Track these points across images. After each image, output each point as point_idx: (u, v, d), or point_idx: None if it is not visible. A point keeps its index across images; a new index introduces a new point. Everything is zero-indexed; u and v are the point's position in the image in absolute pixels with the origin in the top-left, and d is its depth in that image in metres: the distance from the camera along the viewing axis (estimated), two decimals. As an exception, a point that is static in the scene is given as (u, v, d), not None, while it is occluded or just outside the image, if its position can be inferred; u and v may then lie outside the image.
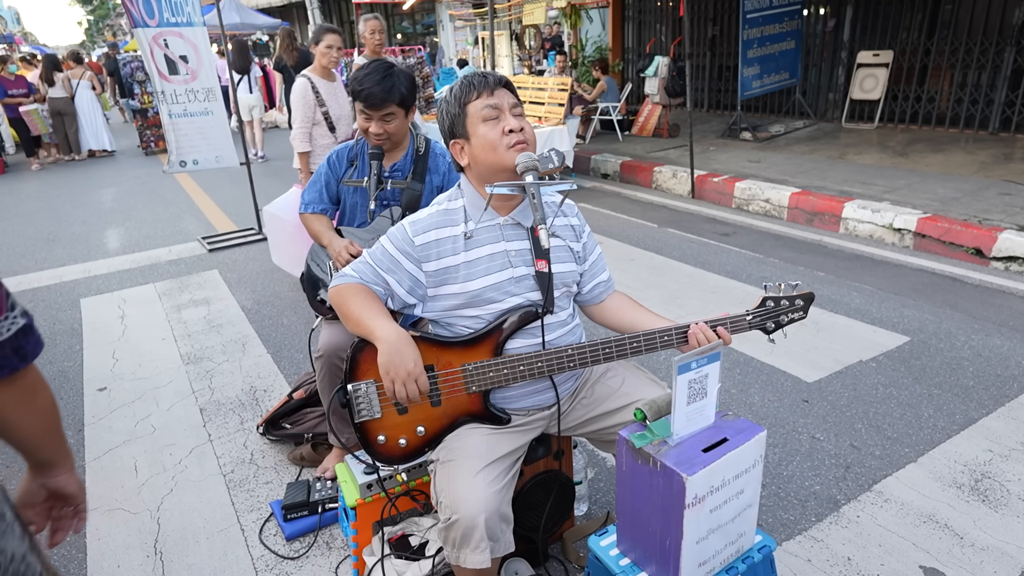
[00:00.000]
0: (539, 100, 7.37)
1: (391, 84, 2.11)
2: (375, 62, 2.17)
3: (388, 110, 2.14)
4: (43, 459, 1.11)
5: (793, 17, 8.11)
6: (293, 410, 2.69)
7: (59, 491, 1.13)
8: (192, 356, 3.59)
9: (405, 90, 2.15)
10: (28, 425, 1.04)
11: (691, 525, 1.29)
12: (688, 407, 1.36)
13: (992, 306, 3.70)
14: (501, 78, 1.60)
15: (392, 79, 2.12)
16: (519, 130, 1.54)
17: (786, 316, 1.65)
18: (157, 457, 2.70)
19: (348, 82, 2.44)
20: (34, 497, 1.12)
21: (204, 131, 5.62)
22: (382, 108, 2.13)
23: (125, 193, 8.11)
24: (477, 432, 1.61)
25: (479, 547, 1.44)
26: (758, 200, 5.83)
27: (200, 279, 4.86)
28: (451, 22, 15.78)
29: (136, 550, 2.19)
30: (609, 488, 2.37)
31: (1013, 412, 2.70)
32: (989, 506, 2.19)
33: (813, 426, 2.68)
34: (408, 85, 2.16)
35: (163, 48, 5.24)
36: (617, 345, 1.58)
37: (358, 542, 1.95)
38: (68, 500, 1.15)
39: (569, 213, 1.74)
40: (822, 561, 2.00)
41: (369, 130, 2.17)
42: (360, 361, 1.59)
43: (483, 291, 1.58)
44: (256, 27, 16.68)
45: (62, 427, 1.12)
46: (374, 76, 2.11)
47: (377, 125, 2.16)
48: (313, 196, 2.34)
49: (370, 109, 2.13)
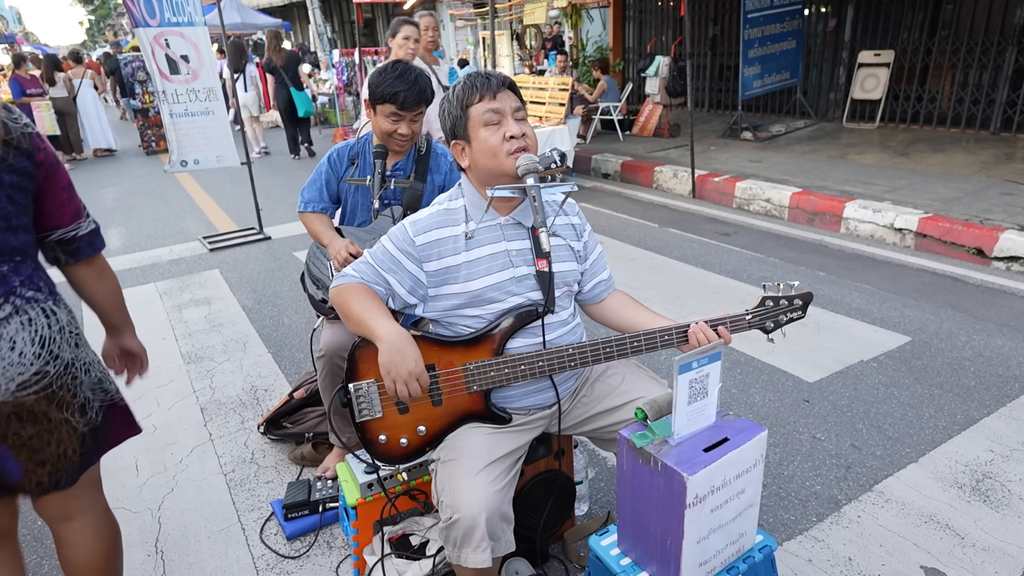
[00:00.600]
0: (540, 100, 7.37)
1: (422, 85, 2.14)
2: (398, 64, 2.16)
3: (420, 110, 2.17)
4: (114, 323, 1.63)
5: (794, 17, 8.11)
6: (294, 409, 2.69)
7: (127, 349, 1.68)
8: (193, 355, 3.59)
9: (430, 91, 2.18)
10: (101, 294, 1.56)
11: (692, 525, 1.29)
12: (689, 407, 1.36)
13: (993, 306, 3.70)
14: (504, 79, 1.59)
15: (421, 80, 2.14)
16: (520, 136, 1.53)
17: (785, 316, 1.65)
18: (158, 456, 2.70)
19: (348, 82, 2.44)
20: (111, 352, 1.68)
21: (205, 131, 5.62)
22: (415, 109, 2.15)
23: (126, 193, 8.11)
24: (478, 432, 1.61)
25: (480, 547, 1.44)
26: (759, 200, 5.83)
27: (201, 279, 4.86)
28: (452, 22, 15.77)
29: (137, 549, 2.19)
30: (609, 488, 2.37)
31: (1014, 412, 2.69)
32: (990, 506, 2.19)
33: (814, 426, 2.68)
34: (430, 85, 2.19)
35: (164, 48, 5.24)
36: (617, 344, 1.58)
37: (359, 541, 1.95)
38: (133, 355, 1.70)
39: (570, 212, 1.73)
40: (823, 561, 2.00)
41: (397, 131, 2.16)
42: (361, 361, 1.59)
43: (484, 291, 1.58)
44: (257, 27, 16.67)
45: (125, 302, 1.63)
46: (406, 78, 2.12)
47: (407, 126, 2.17)
48: (313, 195, 2.34)
49: (403, 110, 2.14)
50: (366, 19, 20.77)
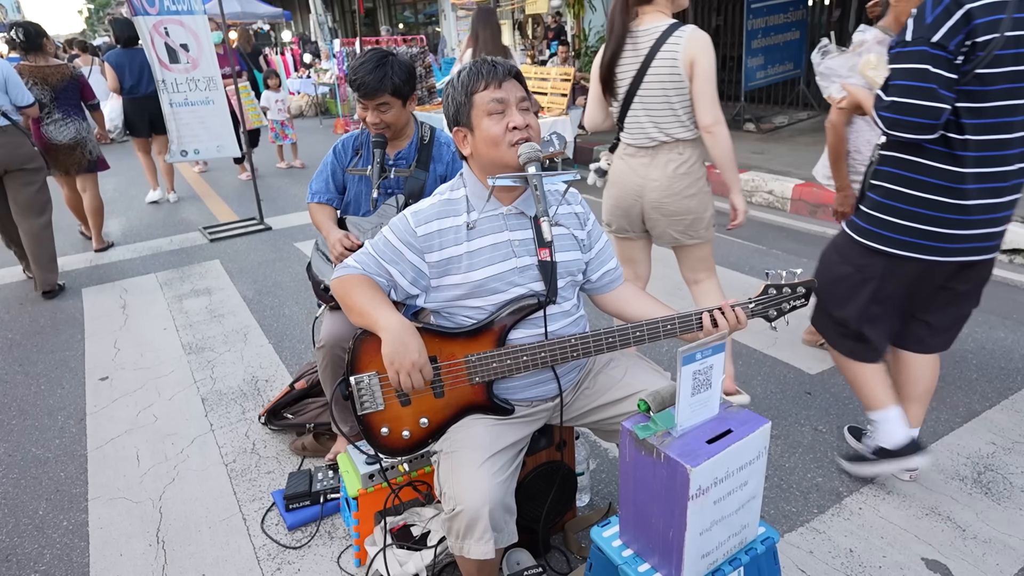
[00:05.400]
0: (542, 91, 7.34)
1: (383, 74, 2.08)
2: (371, 51, 2.14)
3: (381, 99, 2.12)
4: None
5: (798, 7, 8.06)
6: (295, 400, 2.69)
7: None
8: (194, 346, 3.59)
9: (399, 80, 2.11)
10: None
11: (695, 517, 1.29)
12: (692, 398, 1.35)
13: (996, 299, 3.68)
14: (511, 68, 1.57)
15: (385, 68, 2.08)
16: (524, 127, 1.52)
17: (788, 304, 1.65)
18: (159, 446, 2.70)
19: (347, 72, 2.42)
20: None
21: (205, 120, 5.60)
22: (375, 97, 2.11)
23: (127, 183, 8.09)
24: (481, 423, 1.61)
25: (483, 538, 1.44)
26: (761, 192, 5.81)
27: (202, 269, 4.86)
28: (453, 11, 15.67)
29: (138, 539, 2.20)
30: (611, 479, 2.37)
31: (1016, 405, 2.69)
32: (992, 499, 2.19)
33: (816, 418, 2.68)
34: (403, 75, 2.12)
35: (164, 36, 5.21)
36: (620, 334, 1.57)
37: (360, 532, 1.95)
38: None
39: (573, 201, 1.72)
40: (824, 553, 2.00)
41: (367, 119, 2.16)
42: (362, 353, 1.59)
43: (486, 281, 1.57)
44: (257, 16, 16.59)
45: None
46: (367, 65, 2.08)
47: (373, 115, 2.14)
48: (320, 186, 2.33)
49: (364, 99, 2.12)
50: (367, 8, 20.65)
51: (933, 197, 1.84)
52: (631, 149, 2.53)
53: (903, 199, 1.90)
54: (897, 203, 1.91)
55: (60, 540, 2.22)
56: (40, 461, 2.66)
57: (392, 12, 20.53)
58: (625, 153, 2.56)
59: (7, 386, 3.29)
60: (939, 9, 1.66)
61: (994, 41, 1.64)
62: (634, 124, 2.47)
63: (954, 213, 1.84)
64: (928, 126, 1.72)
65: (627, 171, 2.54)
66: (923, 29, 1.69)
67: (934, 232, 1.87)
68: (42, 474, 2.58)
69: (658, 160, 2.46)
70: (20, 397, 3.18)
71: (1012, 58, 1.68)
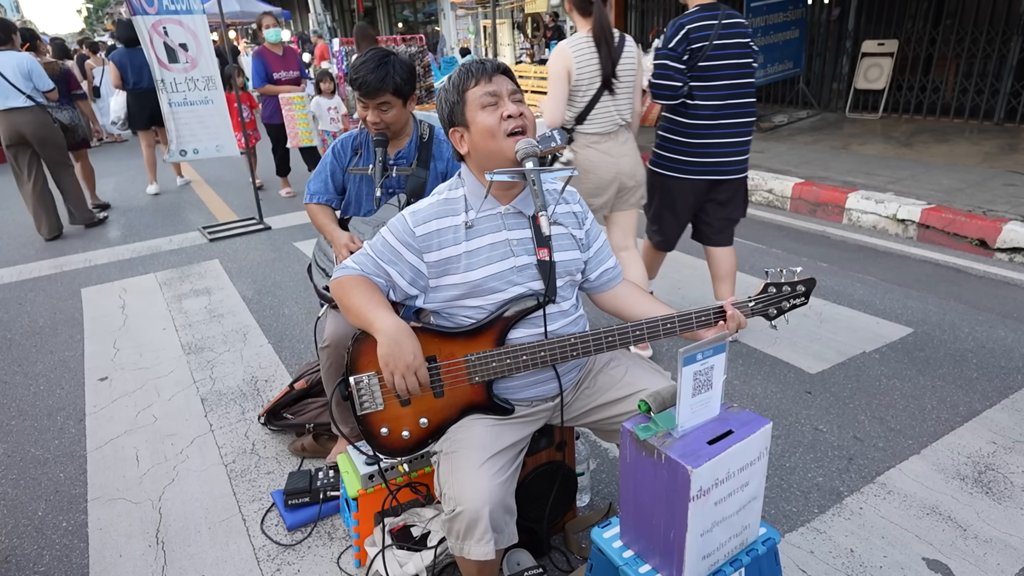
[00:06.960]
0: (542, 90, 7.33)
1: (385, 73, 2.08)
2: (372, 50, 2.14)
3: (383, 99, 2.12)
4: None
5: (797, 6, 8.04)
6: (294, 400, 2.69)
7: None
8: (193, 346, 3.58)
9: (400, 79, 2.11)
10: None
11: (695, 518, 1.28)
12: (693, 399, 1.35)
13: (996, 297, 3.68)
14: (499, 64, 1.59)
15: (386, 68, 2.09)
16: (518, 115, 1.53)
17: (788, 302, 1.65)
18: (158, 447, 2.70)
19: (348, 71, 2.42)
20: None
21: (204, 120, 5.59)
22: (376, 97, 2.11)
23: (126, 182, 8.08)
24: (481, 423, 1.60)
25: (483, 539, 1.43)
26: (761, 190, 5.80)
27: (201, 269, 4.85)
28: (452, 10, 15.67)
29: (138, 540, 2.19)
30: (611, 479, 2.37)
31: (1017, 404, 2.69)
32: (992, 498, 2.19)
33: (816, 417, 2.67)
34: (404, 74, 2.13)
35: (163, 36, 5.20)
36: (620, 333, 1.57)
37: (359, 532, 1.95)
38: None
39: (571, 200, 1.72)
40: (825, 553, 2.00)
41: (367, 119, 2.16)
42: (361, 353, 1.58)
43: (484, 281, 1.57)
44: (256, 15, 16.55)
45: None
46: (369, 65, 2.08)
47: (374, 114, 2.14)
48: (318, 186, 2.33)
49: (365, 98, 2.12)
50: (366, 7, 20.64)
51: (682, 139, 2.95)
52: (596, 137, 2.99)
53: (668, 140, 3.01)
54: (666, 143, 3.03)
55: (59, 541, 2.21)
56: (39, 462, 2.66)
57: (391, 11, 20.51)
58: (591, 142, 3.00)
59: (6, 386, 3.29)
60: (672, 30, 2.86)
61: (705, 46, 2.79)
62: (603, 114, 2.96)
63: (695, 148, 2.93)
64: (672, 96, 2.89)
65: (600, 155, 3.00)
66: (667, 41, 2.86)
67: (685, 160, 2.97)
68: (41, 475, 2.57)
69: (620, 139, 3.04)
70: (19, 397, 3.17)
71: (719, 57, 2.83)
